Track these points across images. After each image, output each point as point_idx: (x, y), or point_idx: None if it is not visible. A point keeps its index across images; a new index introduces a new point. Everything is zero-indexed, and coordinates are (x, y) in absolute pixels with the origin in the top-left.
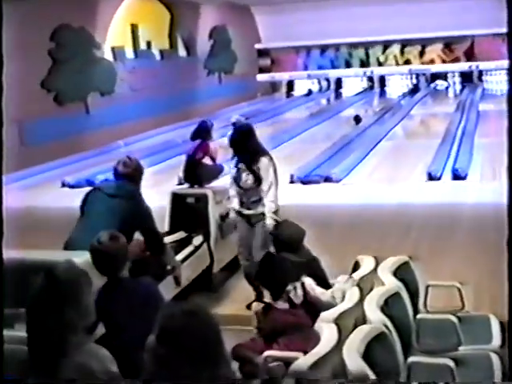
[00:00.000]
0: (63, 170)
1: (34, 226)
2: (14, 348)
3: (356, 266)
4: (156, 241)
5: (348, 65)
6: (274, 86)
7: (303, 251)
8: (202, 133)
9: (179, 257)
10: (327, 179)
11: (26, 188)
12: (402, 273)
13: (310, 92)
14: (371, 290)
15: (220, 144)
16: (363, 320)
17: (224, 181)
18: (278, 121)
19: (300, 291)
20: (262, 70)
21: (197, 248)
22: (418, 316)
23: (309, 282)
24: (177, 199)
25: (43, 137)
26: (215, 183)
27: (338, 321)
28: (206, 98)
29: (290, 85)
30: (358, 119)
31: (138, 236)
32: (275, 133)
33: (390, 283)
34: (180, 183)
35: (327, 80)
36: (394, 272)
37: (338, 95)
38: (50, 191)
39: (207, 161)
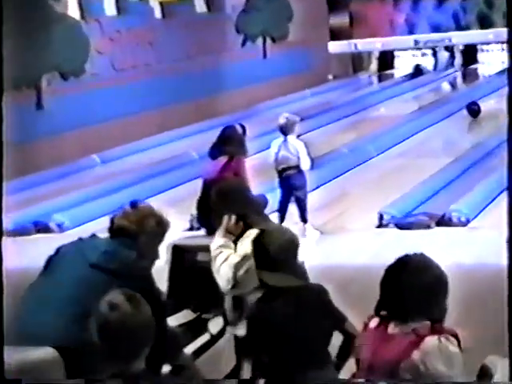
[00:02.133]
0: None
1: None
2: None
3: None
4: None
5: (485, 22)
6: (356, 62)
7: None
8: (229, 145)
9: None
10: (443, 221)
11: None
12: None
13: (418, 70)
14: None
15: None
16: None
17: None
18: (362, 120)
19: None
20: (336, 35)
21: (214, 338)
22: None
23: None
24: (181, 256)
25: None
26: None
27: None
28: (238, 82)
29: (385, 59)
30: (473, 109)
31: None
32: (356, 141)
33: None
34: (191, 227)
35: (449, 50)
36: None
37: (468, 75)
38: None
39: None
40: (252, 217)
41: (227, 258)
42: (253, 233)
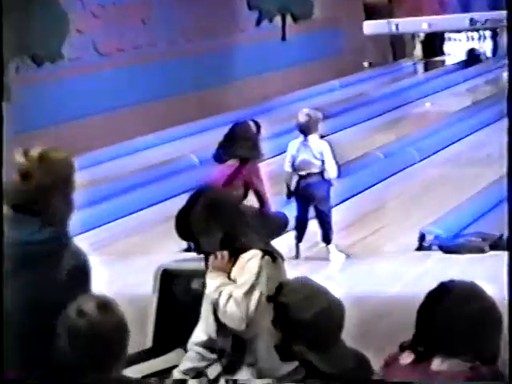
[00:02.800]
0: None
1: None
2: None
3: None
4: None
5: None
6: (397, 46)
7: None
8: (240, 146)
9: None
10: (500, 244)
11: None
12: None
13: (473, 57)
14: None
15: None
16: None
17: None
18: (402, 118)
19: None
20: (372, 13)
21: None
22: None
23: None
24: (171, 283)
25: None
26: None
27: None
28: (250, 69)
29: (432, 43)
30: None
31: None
32: (394, 144)
33: None
34: (189, 248)
35: None
36: None
37: None
38: None
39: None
40: (244, 236)
41: (231, 295)
42: (248, 256)
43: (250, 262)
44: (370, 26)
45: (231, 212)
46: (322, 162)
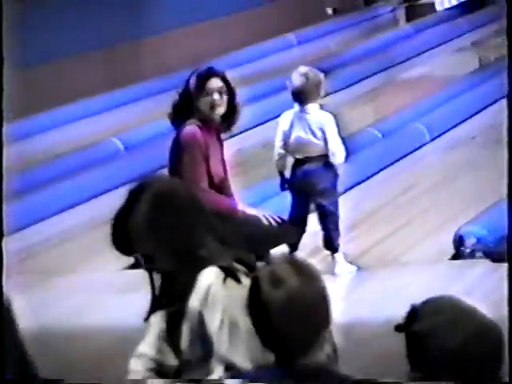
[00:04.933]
0: None
1: None
2: None
3: None
4: None
5: None
6: None
7: None
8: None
9: None
10: None
11: None
12: None
13: None
14: None
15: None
16: None
17: None
18: (389, 85)
19: None
20: None
21: None
22: None
23: None
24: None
25: None
26: None
27: None
28: (175, 17)
29: None
30: None
31: None
32: (390, 118)
33: None
34: (137, 263)
35: None
36: None
37: None
38: None
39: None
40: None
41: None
42: (201, 277)
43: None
44: None
45: (187, 212)
46: (325, 141)
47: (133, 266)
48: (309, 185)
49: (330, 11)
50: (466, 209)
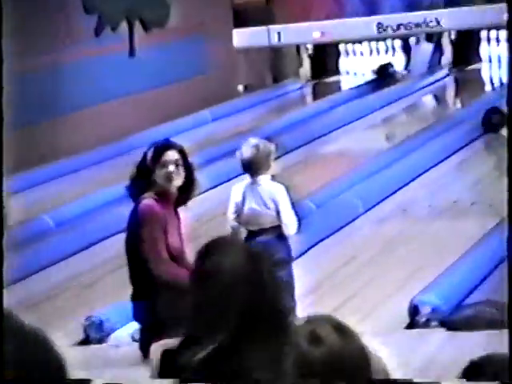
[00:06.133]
0: None
1: None
2: None
3: None
4: None
5: None
6: (279, 65)
7: None
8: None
9: None
10: None
11: None
12: None
13: (387, 74)
14: None
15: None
16: None
17: None
18: (309, 159)
19: None
20: (243, 19)
21: None
22: None
23: None
24: (173, 363)
25: None
26: None
27: None
28: (87, 96)
29: (320, 57)
30: (493, 120)
31: None
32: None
33: None
34: (87, 338)
35: (433, 40)
36: None
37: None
38: None
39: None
40: None
41: None
42: None
43: None
44: (243, 36)
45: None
46: (278, 212)
47: (82, 342)
48: None
49: (241, 88)
50: (409, 279)
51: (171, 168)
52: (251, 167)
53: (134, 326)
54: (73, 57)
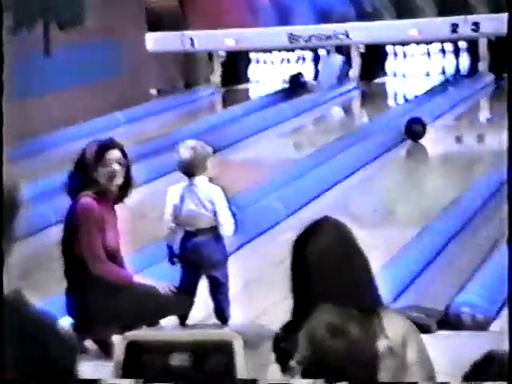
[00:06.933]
0: None
1: None
2: None
3: None
4: None
5: (407, 9)
6: (191, 69)
7: None
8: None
9: None
10: (448, 320)
11: None
12: None
13: (298, 84)
14: None
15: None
16: None
17: None
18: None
19: None
20: (157, 23)
21: None
22: None
23: None
24: (138, 359)
25: None
26: None
27: None
28: None
29: (232, 64)
30: (415, 129)
31: None
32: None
33: None
34: None
35: (342, 52)
36: None
37: (369, 94)
38: None
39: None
40: None
41: None
42: None
43: None
44: (156, 40)
45: None
46: (215, 213)
47: None
48: (200, 257)
49: (154, 92)
50: None
51: (116, 167)
52: (188, 169)
53: (67, 321)
54: None
